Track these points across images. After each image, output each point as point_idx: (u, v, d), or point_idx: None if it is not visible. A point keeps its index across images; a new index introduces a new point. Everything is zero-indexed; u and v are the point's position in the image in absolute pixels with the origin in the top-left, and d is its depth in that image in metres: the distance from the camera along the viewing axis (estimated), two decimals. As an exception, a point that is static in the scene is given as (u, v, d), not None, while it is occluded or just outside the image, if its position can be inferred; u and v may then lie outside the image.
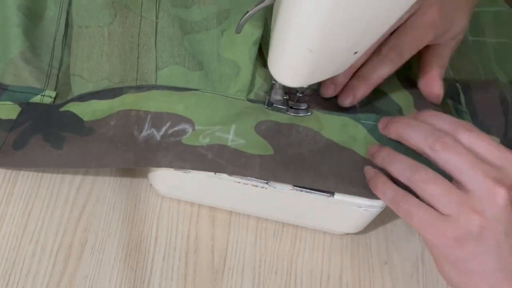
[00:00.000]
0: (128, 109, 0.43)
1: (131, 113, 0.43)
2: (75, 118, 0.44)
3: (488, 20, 0.59)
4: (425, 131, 0.38)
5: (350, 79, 0.45)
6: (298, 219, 0.46)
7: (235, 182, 0.42)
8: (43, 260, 0.43)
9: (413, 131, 0.39)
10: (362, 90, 0.45)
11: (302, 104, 0.45)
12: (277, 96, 0.44)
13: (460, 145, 0.37)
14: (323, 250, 0.47)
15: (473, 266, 0.36)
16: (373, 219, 0.44)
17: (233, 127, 0.43)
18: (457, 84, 0.54)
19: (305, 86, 0.42)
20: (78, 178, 0.47)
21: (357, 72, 0.45)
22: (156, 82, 0.45)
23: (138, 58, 0.45)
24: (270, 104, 0.45)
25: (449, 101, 0.51)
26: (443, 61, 0.47)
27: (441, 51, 0.47)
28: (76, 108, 0.45)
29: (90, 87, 0.45)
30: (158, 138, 0.42)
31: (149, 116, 0.43)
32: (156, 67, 0.45)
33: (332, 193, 0.42)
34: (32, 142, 0.43)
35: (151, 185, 0.47)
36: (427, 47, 0.46)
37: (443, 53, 0.47)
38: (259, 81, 0.46)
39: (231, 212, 0.47)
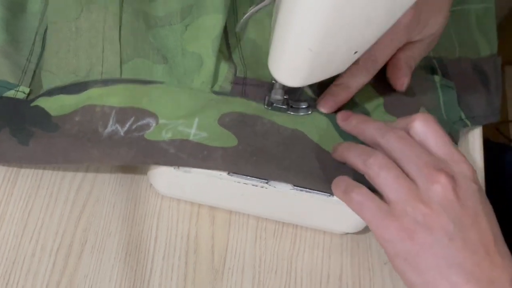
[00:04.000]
0: (93, 104, 0.44)
1: (96, 109, 0.43)
2: (43, 113, 0.44)
3: None
4: (379, 127, 0.40)
5: (330, 85, 0.46)
6: (298, 219, 0.46)
7: (235, 182, 0.42)
8: (43, 259, 0.43)
9: (368, 127, 0.41)
10: (342, 97, 0.46)
11: (302, 103, 0.45)
12: (277, 96, 0.44)
13: (410, 138, 0.39)
14: (323, 250, 0.47)
15: (426, 260, 0.35)
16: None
17: (196, 120, 0.43)
18: (434, 61, 0.54)
19: (305, 85, 0.42)
20: (78, 178, 0.47)
21: (336, 79, 0.46)
22: (121, 75, 0.45)
23: (103, 52, 0.45)
24: (270, 104, 0.45)
25: (436, 77, 0.51)
26: (414, 53, 0.47)
27: (414, 44, 0.47)
28: (44, 103, 0.45)
29: (58, 82, 0.45)
30: (122, 133, 0.43)
31: (114, 111, 0.43)
32: (121, 61, 0.45)
33: (332, 193, 0.42)
34: (0, 136, 0.43)
35: (151, 185, 0.47)
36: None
37: (416, 46, 0.47)
38: (223, 73, 0.46)
39: (231, 212, 0.47)
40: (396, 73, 0.48)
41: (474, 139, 0.53)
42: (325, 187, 0.42)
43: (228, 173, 0.42)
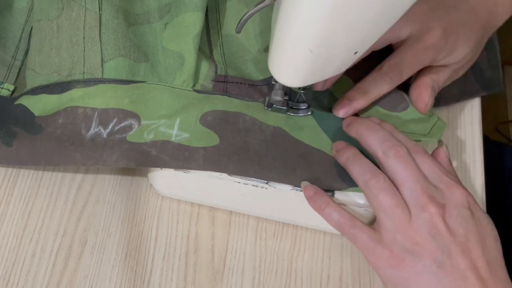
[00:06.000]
0: (75, 106, 0.44)
1: (78, 111, 0.43)
2: (27, 112, 0.44)
3: None
4: (384, 136, 0.41)
5: (350, 90, 0.46)
6: (298, 219, 0.46)
7: (235, 182, 0.42)
8: (43, 260, 0.43)
9: (373, 133, 0.41)
10: (360, 103, 0.45)
11: (302, 104, 0.45)
12: (277, 97, 0.44)
13: (411, 158, 0.39)
14: (323, 250, 0.47)
15: (416, 286, 0.37)
16: (373, 219, 0.44)
17: (178, 120, 0.43)
18: None
19: (305, 86, 0.42)
20: (78, 178, 0.47)
21: (357, 84, 0.46)
22: (102, 75, 0.45)
23: (84, 51, 0.45)
24: (270, 105, 0.45)
25: None
26: (439, 76, 0.47)
27: (439, 68, 0.47)
28: (27, 101, 0.45)
29: (41, 81, 0.45)
30: (105, 136, 0.43)
31: (96, 113, 0.43)
32: (102, 60, 0.45)
33: (332, 193, 0.42)
34: None
35: (151, 185, 0.47)
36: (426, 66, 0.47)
37: (441, 70, 0.47)
38: (203, 71, 0.46)
39: (231, 212, 0.47)
40: (420, 95, 0.47)
41: (474, 139, 0.53)
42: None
43: (229, 173, 0.42)
